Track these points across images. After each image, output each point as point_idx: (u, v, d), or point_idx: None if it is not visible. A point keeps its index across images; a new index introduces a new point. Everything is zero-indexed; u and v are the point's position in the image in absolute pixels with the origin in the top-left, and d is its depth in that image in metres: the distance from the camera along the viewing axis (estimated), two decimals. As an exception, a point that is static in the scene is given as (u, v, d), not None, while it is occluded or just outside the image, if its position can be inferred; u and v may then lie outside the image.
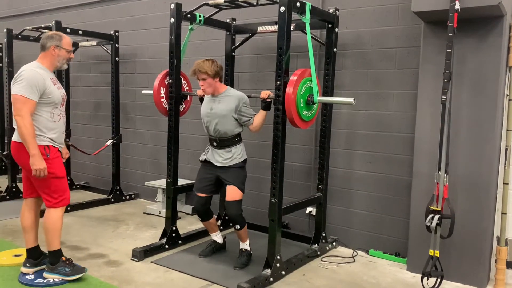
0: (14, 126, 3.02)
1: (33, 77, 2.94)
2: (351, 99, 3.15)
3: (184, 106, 4.21)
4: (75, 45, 5.58)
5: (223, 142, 3.50)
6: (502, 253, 3.30)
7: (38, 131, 3.00)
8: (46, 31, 5.35)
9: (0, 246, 3.84)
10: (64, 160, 3.25)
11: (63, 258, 3.19)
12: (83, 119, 6.18)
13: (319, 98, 3.30)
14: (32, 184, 3.16)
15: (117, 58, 5.39)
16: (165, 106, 3.99)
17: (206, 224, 3.75)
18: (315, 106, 3.35)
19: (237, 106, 3.42)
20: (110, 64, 5.41)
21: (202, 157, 3.65)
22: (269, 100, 3.34)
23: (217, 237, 3.87)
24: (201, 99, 3.72)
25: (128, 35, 5.59)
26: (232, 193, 3.44)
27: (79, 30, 5.10)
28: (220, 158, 3.51)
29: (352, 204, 4.06)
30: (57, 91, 3.09)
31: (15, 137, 3.06)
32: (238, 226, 3.48)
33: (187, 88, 4.27)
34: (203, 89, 3.46)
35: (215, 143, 3.53)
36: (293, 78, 3.13)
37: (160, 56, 5.32)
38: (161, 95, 3.98)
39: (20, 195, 5.59)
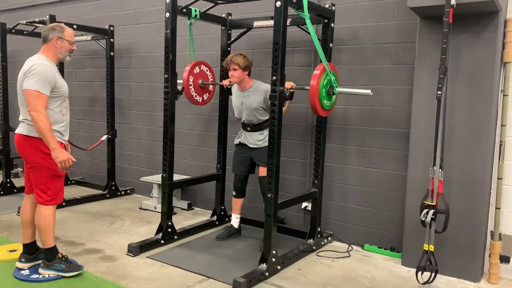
0: (23, 119, 3.02)
1: (44, 71, 2.94)
2: (368, 91, 3.34)
3: (208, 96, 4.39)
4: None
5: (256, 126, 3.91)
6: (496, 248, 3.33)
7: None
8: (40, 25, 5.31)
9: (-6, 241, 3.82)
10: None
11: (59, 255, 3.18)
12: (78, 114, 6.15)
13: (339, 89, 3.48)
14: None
15: (112, 53, 5.35)
16: (192, 94, 4.17)
17: (236, 201, 4.10)
18: (334, 96, 3.53)
19: (265, 98, 3.78)
20: (105, 59, 5.38)
21: (237, 141, 4.05)
22: (292, 90, 3.51)
23: (236, 220, 4.12)
24: (227, 90, 4.10)
25: (123, 29, 5.56)
26: (264, 171, 3.71)
27: (73, 24, 5.05)
28: (254, 139, 3.91)
29: (347, 199, 4.08)
30: (65, 84, 3.12)
31: (19, 130, 3.06)
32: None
33: (212, 78, 4.37)
34: (231, 78, 3.82)
35: (248, 128, 3.94)
36: (316, 72, 3.30)
37: (155, 51, 5.30)
38: (190, 83, 4.13)
39: (15, 190, 5.58)
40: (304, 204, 4.25)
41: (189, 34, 3.88)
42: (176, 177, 4.32)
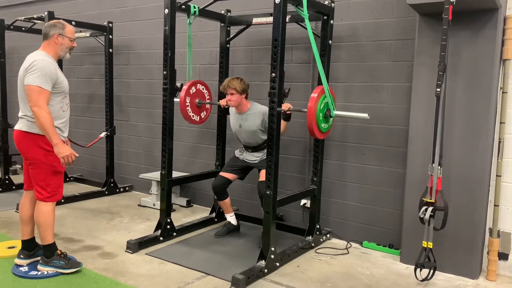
0: (22, 116, 3.01)
1: (46, 67, 2.93)
2: (365, 115, 3.32)
3: (205, 114, 4.39)
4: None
5: (256, 148, 3.95)
6: (494, 245, 3.33)
7: None
8: (38, 21, 5.30)
9: (-7, 238, 3.82)
10: None
11: (58, 252, 3.18)
12: (76, 111, 6.13)
13: (335, 112, 3.49)
14: None
15: (110, 50, 5.34)
16: (190, 114, 4.20)
17: (221, 203, 4.09)
18: (331, 119, 3.55)
19: (262, 121, 3.81)
20: (104, 55, 5.37)
21: (238, 155, 4.07)
22: (289, 112, 3.56)
23: (231, 218, 4.12)
24: (225, 109, 4.13)
25: (122, 26, 5.55)
26: (264, 176, 3.67)
27: (72, 21, 5.03)
28: (254, 158, 3.96)
29: (346, 196, 4.08)
30: (66, 80, 3.12)
31: (19, 126, 3.05)
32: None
33: (208, 96, 4.37)
34: (229, 102, 3.82)
35: (249, 149, 3.99)
36: (313, 95, 3.31)
37: (154, 47, 5.29)
38: (187, 104, 4.15)
39: (13, 187, 5.58)
40: (303, 201, 4.25)
41: (188, 35, 3.86)
42: (175, 174, 4.32)
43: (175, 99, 3.94)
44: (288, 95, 3.48)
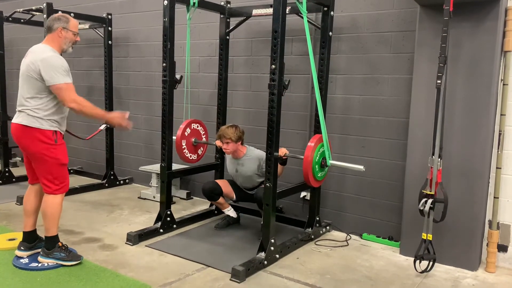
0: (22, 109, 3.01)
1: (61, 62, 2.97)
2: (361, 167, 3.38)
3: (202, 150, 4.43)
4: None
5: (253, 189, 4.01)
6: (494, 237, 3.34)
7: (49, 115, 2.99)
8: (37, 13, 5.26)
9: (-7, 230, 3.83)
10: None
11: (59, 244, 3.19)
12: (76, 104, 6.12)
13: (331, 162, 3.57)
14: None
15: (110, 42, 5.32)
16: (187, 155, 4.26)
17: (215, 203, 4.15)
18: (326, 168, 3.61)
19: (258, 166, 3.87)
20: (103, 47, 5.34)
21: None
22: (285, 158, 3.58)
23: (230, 211, 4.14)
24: (221, 150, 4.09)
25: (121, 18, 5.51)
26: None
27: (70, 12, 5.00)
28: (252, 192, 4.00)
29: (346, 189, 4.08)
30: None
31: (18, 120, 3.03)
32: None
33: (204, 134, 4.40)
34: (225, 150, 3.89)
35: (247, 190, 4.05)
36: (310, 144, 3.41)
37: (153, 39, 5.26)
38: (183, 147, 4.21)
39: (14, 179, 5.58)
40: (302, 194, 4.25)
41: (187, 27, 3.83)
42: (175, 166, 4.32)
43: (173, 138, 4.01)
44: (288, 87, 3.47)
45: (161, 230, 3.85)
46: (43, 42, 3.08)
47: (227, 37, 4.40)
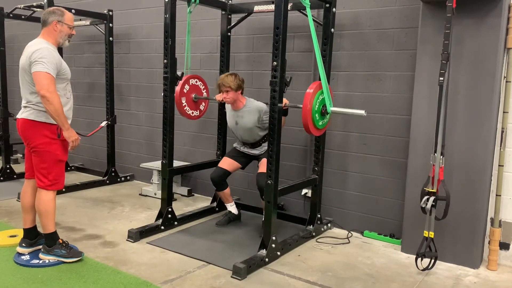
0: (27, 104, 3.00)
1: (51, 55, 2.94)
2: (362, 111, 3.26)
3: (204, 105, 4.37)
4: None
5: (254, 144, 3.94)
6: (496, 235, 3.33)
7: None
8: (38, 9, 5.25)
9: (-5, 227, 3.83)
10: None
11: (60, 241, 3.19)
12: (77, 100, 6.00)
13: (332, 108, 3.43)
14: None
15: (111, 38, 5.30)
16: (188, 113, 4.20)
17: (221, 194, 4.07)
18: (327, 115, 3.47)
19: (258, 117, 3.78)
20: (104, 44, 5.33)
21: (238, 147, 4.04)
22: (285, 108, 3.51)
23: (232, 208, 4.13)
24: (222, 104, 4.08)
25: (122, 14, 5.50)
26: (264, 167, 3.57)
27: (72, 9, 4.98)
28: (254, 151, 3.96)
29: (347, 186, 4.08)
30: (67, 67, 3.12)
31: (24, 115, 3.04)
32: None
33: (204, 90, 4.33)
34: (225, 99, 3.78)
35: (249, 145, 3.96)
36: (309, 91, 3.24)
37: (154, 36, 5.25)
38: (183, 104, 4.13)
39: (15, 176, 5.58)
40: (304, 191, 4.25)
41: (188, 24, 3.82)
42: (176, 163, 4.31)
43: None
44: (289, 84, 3.46)
45: (162, 227, 3.85)
46: (39, 37, 3.08)
47: (229, 33, 4.38)
